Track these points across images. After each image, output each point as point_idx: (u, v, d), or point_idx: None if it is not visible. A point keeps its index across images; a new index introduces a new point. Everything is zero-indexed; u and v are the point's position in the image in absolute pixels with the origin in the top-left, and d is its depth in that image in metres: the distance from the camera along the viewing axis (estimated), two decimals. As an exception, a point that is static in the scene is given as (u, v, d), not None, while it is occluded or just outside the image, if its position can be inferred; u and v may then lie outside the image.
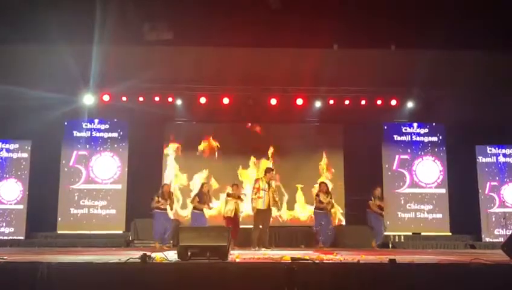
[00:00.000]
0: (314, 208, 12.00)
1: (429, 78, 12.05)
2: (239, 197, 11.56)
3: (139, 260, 5.24)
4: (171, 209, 12.13)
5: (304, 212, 13.72)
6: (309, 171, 13.94)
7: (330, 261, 5.97)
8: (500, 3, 9.51)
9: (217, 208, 12.77)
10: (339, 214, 13.47)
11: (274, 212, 11.57)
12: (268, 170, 10.91)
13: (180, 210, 13.44)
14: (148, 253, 5.46)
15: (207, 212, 11.86)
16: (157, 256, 5.65)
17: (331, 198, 11.84)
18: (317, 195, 11.88)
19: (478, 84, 12.07)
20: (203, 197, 11.52)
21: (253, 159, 13.92)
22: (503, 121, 12.90)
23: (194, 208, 11.58)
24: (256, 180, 10.96)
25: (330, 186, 12.69)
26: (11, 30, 10.10)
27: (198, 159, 13.87)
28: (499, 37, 10.26)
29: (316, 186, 12.65)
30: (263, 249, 10.17)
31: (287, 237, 12.70)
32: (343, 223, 13.56)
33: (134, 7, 10.00)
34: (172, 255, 6.12)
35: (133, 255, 5.66)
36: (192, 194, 12.27)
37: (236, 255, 7.18)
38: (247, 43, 11.08)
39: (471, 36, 10.22)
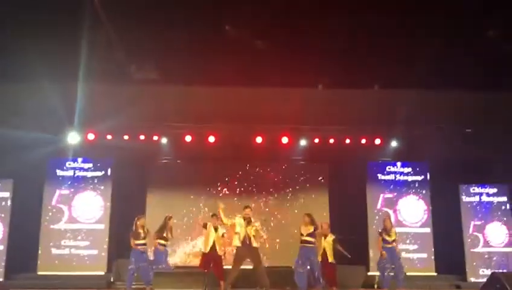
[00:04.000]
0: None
1: (413, 117, 12.16)
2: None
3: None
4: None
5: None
6: (294, 210, 13.89)
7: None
8: (481, 43, 9.66)
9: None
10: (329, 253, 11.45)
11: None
12: (244, 207, 10.63)
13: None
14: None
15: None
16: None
17: (315, 230, 10.57)
18: (300, 228, 10.85)
19: (461, 123, 12.22)
20: (165, 232, 10.79)
21: (236, 198, 13.85)
22: (487, 160, 13.01)
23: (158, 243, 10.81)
24: (234, 216, 10.68)
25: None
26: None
27: (182, 198, 13.81)
28: (481, 76, 10.39)
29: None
30: None
31: (272, 278, 12.49)
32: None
33: (120, 46, 10.01)
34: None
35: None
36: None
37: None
38: (232, 82, 11.11)
39: (453, 76, 10.36)
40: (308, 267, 10.48)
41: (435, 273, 13.25)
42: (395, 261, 10.82)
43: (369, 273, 12.98)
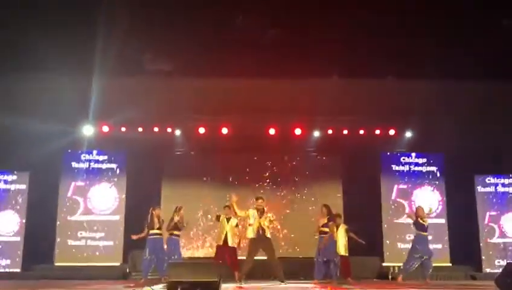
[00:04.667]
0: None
1: (428, 108, 12.08)
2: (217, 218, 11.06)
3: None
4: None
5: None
6: (307, 201, 13.89)
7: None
8: (498, 33, 9.58)
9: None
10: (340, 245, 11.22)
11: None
12: (257, 198, 10.53)
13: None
14: (138, 289, 5.39)
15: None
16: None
17: (329, 221, 10.56)
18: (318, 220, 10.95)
19: (476, 114, 12.11)
20: (176, 222, 10.77)
21: (250, 189, 13.87)
22: (502, 150, 12.90)
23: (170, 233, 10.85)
24: (247, 208, 10.58)
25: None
26: (10, 61, 10.16)
27: (196, 189, 13.85)
28: (497, 66, 10.31)
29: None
30: (281, 283, 9.82)
31: (286, 269, 12.51)
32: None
33: (135, 38, 10.06)
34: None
35: (127, 289, 5.58)
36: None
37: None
38: (246, 74, 11.11)
39: (469, 66, 10.27)
40: (325, 258, 10.53)
41: (450, 264, 13.20)
42: (428, 252, 10.87)
43: (384, 264, 12.98)
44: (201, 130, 13.22)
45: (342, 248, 11.03)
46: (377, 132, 13.44)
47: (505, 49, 9.65)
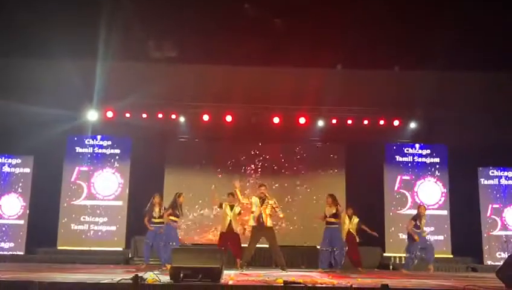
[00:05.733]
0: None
1: (432, 99, 12.03)
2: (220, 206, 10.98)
3: (131, 281, 5.23)
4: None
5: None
6: (310, 190, 13.90)
7: (323, 285, 5.92)
8: (501, 25, 9.50)
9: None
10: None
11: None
12: (259, 185, 10.63)
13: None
14: (140, 274, 5.43)
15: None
16: (150, 277, 5.62)
17: (337, 211, 10.65)
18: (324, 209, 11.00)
19: (481, 106, 12.05)
20: (176, 209, 10.66)
21: (253, 177, 13.89)
22: (506, 142, 12.84)
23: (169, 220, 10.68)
24: (250, 196, 10.68)
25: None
26: (14, 45, 10.17)
27: (199, 177, 13.87)
28: (502, 58, 10.24)
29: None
30: (282, 271, 9.79)
31: (288, 257, 12.52)
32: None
33: (139, 24, 10.04)
34: (165, 276, 6.08)
35: (128, 274, 5.62)
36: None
37: (231, 276, 7.15)
38: (251, 61, 11.08)
39: (473, 57, 10.21)
40: (331, 248, 10.61)
41: (451, 256, 13.21)
42: (426, 245, 11.05)
43: (385, 255, 13.02)
44: (206, 118, 13.20)
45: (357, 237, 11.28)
46: (381, 122, 13.39)
47: (510, 40, 9.58)
